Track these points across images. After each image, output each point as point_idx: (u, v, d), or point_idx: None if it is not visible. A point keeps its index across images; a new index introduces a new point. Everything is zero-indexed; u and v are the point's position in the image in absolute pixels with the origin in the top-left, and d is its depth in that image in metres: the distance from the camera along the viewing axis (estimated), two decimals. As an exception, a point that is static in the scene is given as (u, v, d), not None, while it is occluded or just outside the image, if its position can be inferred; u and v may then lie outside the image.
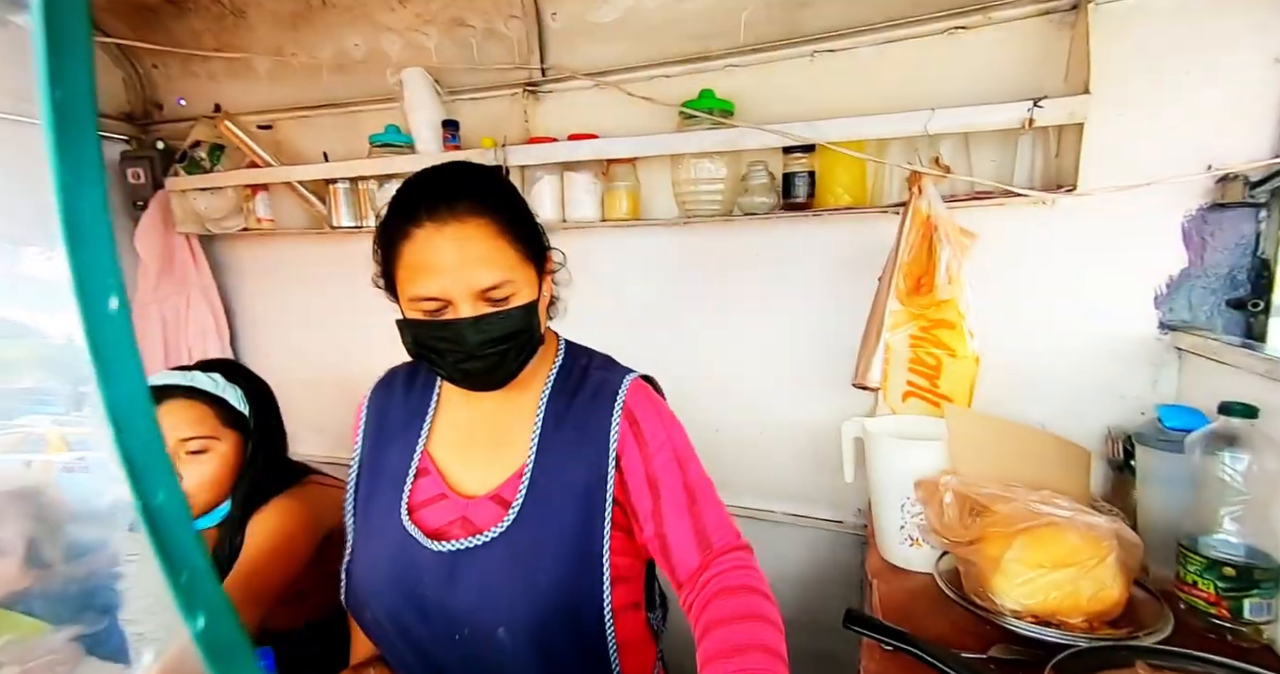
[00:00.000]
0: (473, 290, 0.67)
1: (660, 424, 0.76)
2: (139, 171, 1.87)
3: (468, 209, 0.67)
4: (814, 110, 1.26)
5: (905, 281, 1.15)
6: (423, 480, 0.77)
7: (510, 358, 0.71)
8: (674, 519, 0.72)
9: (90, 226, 0.19)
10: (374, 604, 0.75)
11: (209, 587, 0.21)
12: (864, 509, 1.42)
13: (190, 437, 0.92)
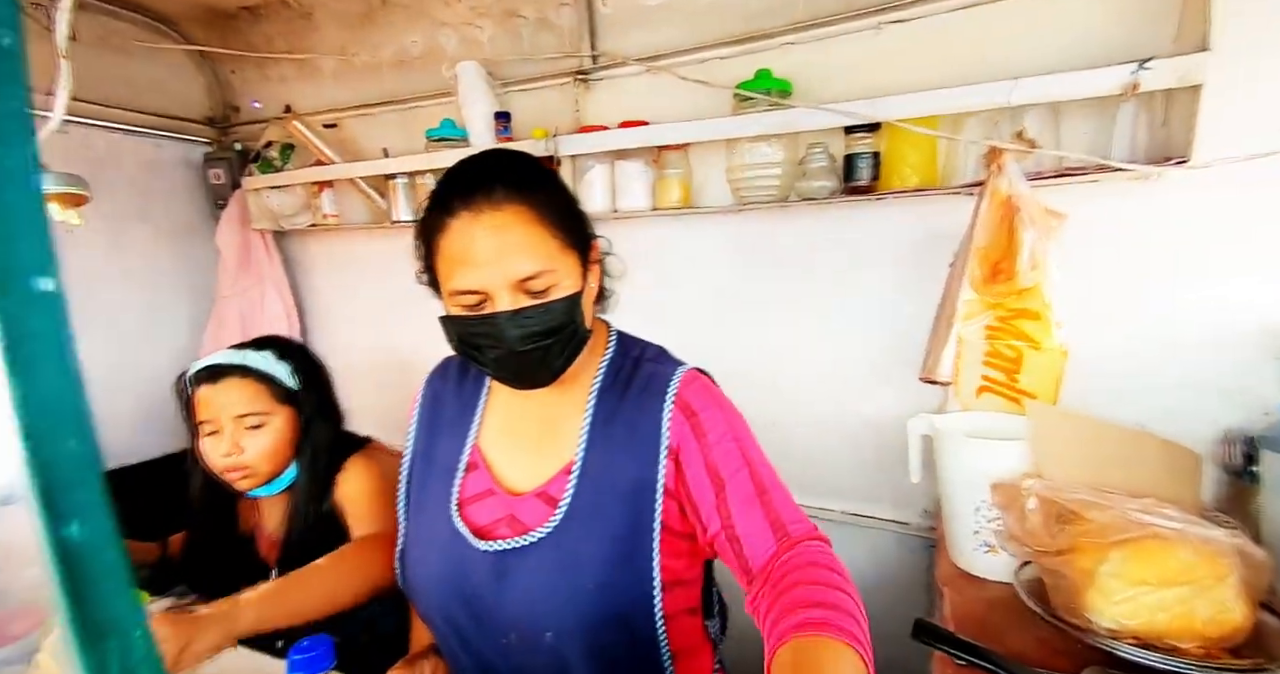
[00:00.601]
0: (510, 281, 0.64)
1: (720, 413, 0.72)
2: (219, 172, 1.99)
3: (503, 196, 0.64)
4: (879, 86, 1.18)
5: (981, 268, 1.06)
6: (472, 475, 0.76)
7: (553, 354, 0.68)
8: (743, 510, 0.66)
9: (9, 190, 0.16)
10: (425, 599, 0.75)
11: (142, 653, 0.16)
12: (931, 510, 1.34)
13: (246, 413, 0.96)
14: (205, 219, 2.05)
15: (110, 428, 1.83)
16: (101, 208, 1.78)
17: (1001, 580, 0.88)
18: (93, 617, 0.16)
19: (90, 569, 0.16)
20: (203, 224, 2.04)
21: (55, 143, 0.81)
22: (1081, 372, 1.01)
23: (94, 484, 0.16)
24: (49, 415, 0.16)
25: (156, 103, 1.91)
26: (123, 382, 1.85)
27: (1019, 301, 1.03)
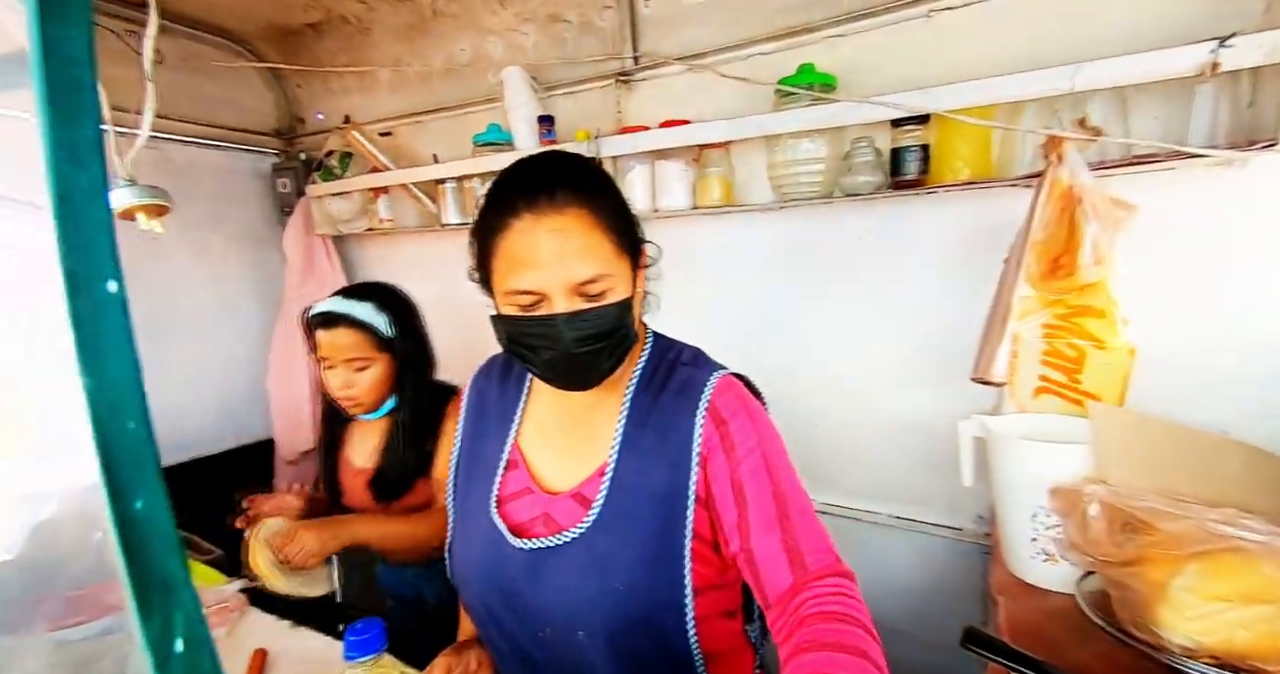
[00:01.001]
0: (569, 284, 0.63)
1: (750, 426, 0.70)
2: (285, 181, 2.12)
3: (566, 199, 0.64)
4: (929, 77, 1.14)
5: (1039, 263, 1.01)
6: (511, 473, 0.78)
7: (603, 357, 0.68)
8: (762, 534, 0.65)
9: (85, 210, 0.18)
10: (467, 590, 0.78)
11: (191, 610, 0.19)
12: (985, 516, 1.28)
13: (353, 357, 1.13)
14: (273, 226, 2.18)
15: (192, 419, 1.98)
16: (183, 217, 1.93)
17: (1061, 591, 0.84)
18: (150, 578, 0.18)
19: (149, 538, 0.18)
20: (270, 230, 2.18)
21: (142, 157, 0.88)
22: (1151, 370, 0.95)
23: (151, 462, 0.19)
24: (113, 400, 0.18)
25: (231, 117, 2.05)
26: (203, 376, 2.00)
27: (1081, 298, 0.98)
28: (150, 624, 0.18)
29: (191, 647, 0.19)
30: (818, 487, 1.48)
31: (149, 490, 0.18)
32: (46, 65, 0.18)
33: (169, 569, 0.19)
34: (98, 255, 0.18)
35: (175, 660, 0.18)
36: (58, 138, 0.18)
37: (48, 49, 0.18)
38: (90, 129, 0.18)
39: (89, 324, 0.18)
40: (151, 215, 0.89)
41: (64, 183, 0.18)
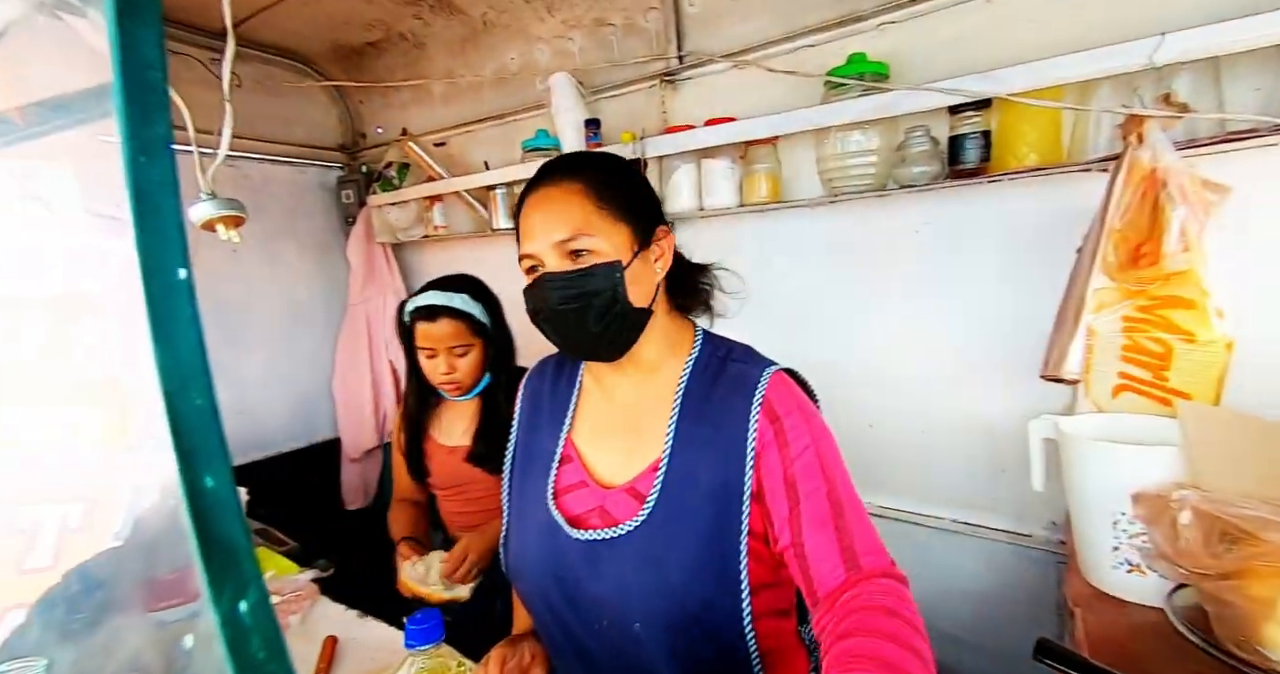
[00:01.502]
0: (552, 243, 0.69)
1: (804, 424, 0.70)
2: (349, 192, 2.23)
3: (561, 176, 0.72)
4: (990, 59, 1.09)
5: (1117, 252, 0.94)
6: (566, 467, 0.79)
7: (590, 319, 0.69)
8: (815, 531, 0.64)
9: (157, 200, 0.20)
10: (524, 582, 0.79)
11: (253, 575, 0.20)
12: (1058, 522, 1.21)
13: (455, 345, 1.24)
14: (338, 235, 2.30)
15: (268, 419, 2.12)
16: (257, 228, 2.06)
17: (1147, 604, 0.78)
18: (216, 544, 0.20)
19: (217, 510, 0.20)
20: (336, 240, 2.30)
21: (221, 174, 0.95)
22: (1249, 367, 0.87)
23: (216, 436, 0.21)
24: (181, 377, 0.20)
25: (300, 134, 2.19)
26: (276, 378, 2.13)
27: (1166, 288, 0.91)
28: (216, 586, 0.20)
29: (253, 608, 0.20)
30: (874, 489, 1.43)
31: (215, 462, 0.20)
32: (124, 69, 0.20)
33: (233, 537, 0.20)
34: (169, 244, 0.20)
35: (239, 619, 0.20)
36: (134, 135, 0.20)
37: (125, 53, 0.20)
38: (161, 127, 0.20)
39: (161, 306, 0.20)
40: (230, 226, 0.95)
41: (139, 177, 0.20)
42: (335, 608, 1.12)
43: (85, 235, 0.65)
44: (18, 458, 0.82)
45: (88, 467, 0.79)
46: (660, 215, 0.77)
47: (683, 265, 0.82)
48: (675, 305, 0.80)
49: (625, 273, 0.70)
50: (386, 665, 0.92)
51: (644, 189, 0.77)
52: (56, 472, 0.81)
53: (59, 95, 0.62)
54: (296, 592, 1.12)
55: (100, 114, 0.63)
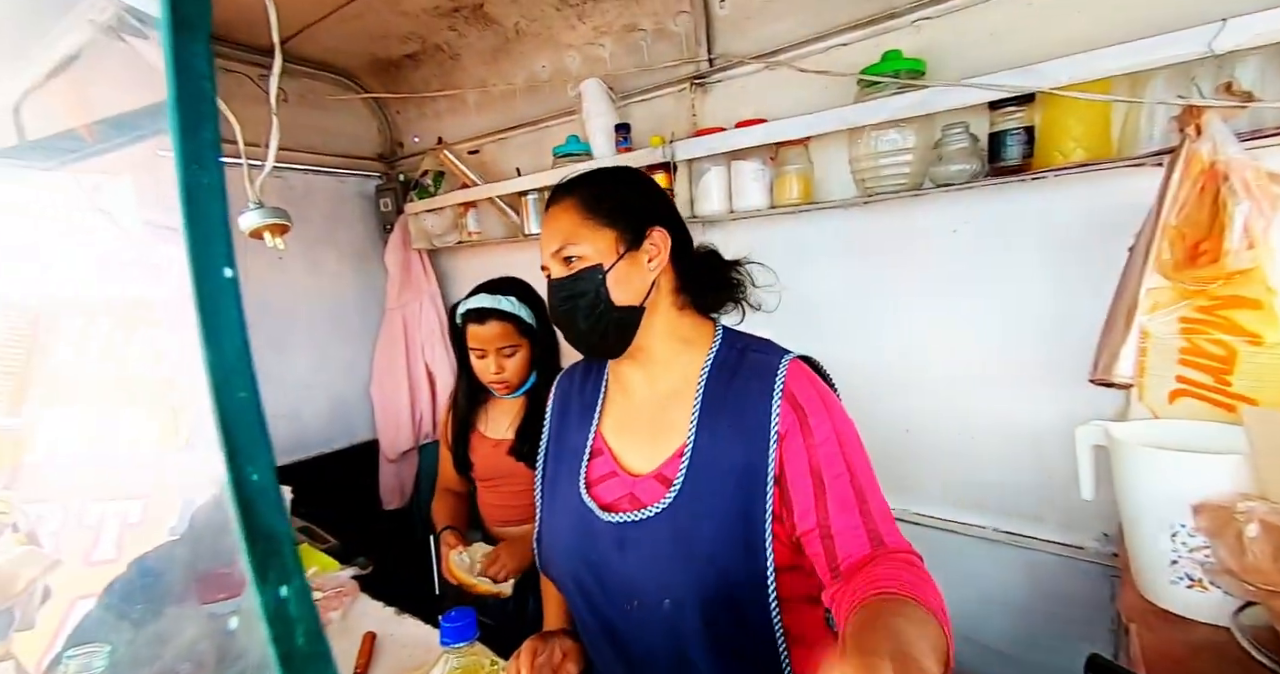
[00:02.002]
0: (550, 253, 0.78)
1: (825, 412, 0.73)
2: (387, 201, 2.30)
3: (561, 194, 0.81)
4: (1032, 52, 1.05)
5: (1174, 250, 0.90)
6: (596, 460, 0.83)
7: (579, 318, 0.77)
8: (841, 512, 0.68)
9: (205, 204, 0.21)
10: (556, 568, 0.83)
11: (294, 563, 0.21)
12: (1111, 534, 1.15)
13: (504, 346, 1.29)
14: (376, 242, 2.37)
15: (310, 421, 2.19)
16: (300, 236, 2.14)
17: (1210, 622, 0.73)
18: (259, 532, 0.21)
19: (260, 500, 0.21)
20: (374, 247, 2.37)
21: (267, 185, 0.99)
22: (1325, 372, 0.81)
23: (259, 428, 0.22)
24: (227, 371, 0.21)
25: (340, 145, 2.26)
26: (317, 381, 2.21)
27: (1228, 288, 0.86)
28: (260, 572, 0.21)
29: (294, 593, 0.22)
30: (911, 495, 1.39)
31: (258, 453, 0.21)
32: (178, 79, 0.21)
33: (275, 525, 0.21)
34: (216, 245, 0.22)
35: (281, 604, 0.21)
36: (185, 142, 0.21)
37: (179, 65, 0.21)
38: (210, 134, 0.22)
39: (208, 304, 0.21)
40: (276, 234, 0.99)
41: (190, 181, 0.21)
42: (374, 605, 1.15)
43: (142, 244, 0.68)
44: (83, 456, 0.87)
45: (145, 465, 0.83)
46: (658, 217, 0.80)
47: (709, 262, 0.85)
48: (694, 302, 0.83)
49: (608, 274, 0.76)
50: (422, 663, 0.94)
51: (638, 194, 0.81)
52: (118, 470, 0.85)
53: (122, 113, 0.66)
54: (338, 588, 1.16)
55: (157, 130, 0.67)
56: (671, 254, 0.79)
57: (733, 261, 0.87)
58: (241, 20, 1.72)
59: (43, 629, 0.78)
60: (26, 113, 0.70)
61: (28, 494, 0.84)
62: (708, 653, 0.72)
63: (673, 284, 0.81)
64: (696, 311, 0.84)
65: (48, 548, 0.83)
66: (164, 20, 0.21)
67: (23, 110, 0.69)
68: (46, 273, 0.84)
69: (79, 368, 0.86)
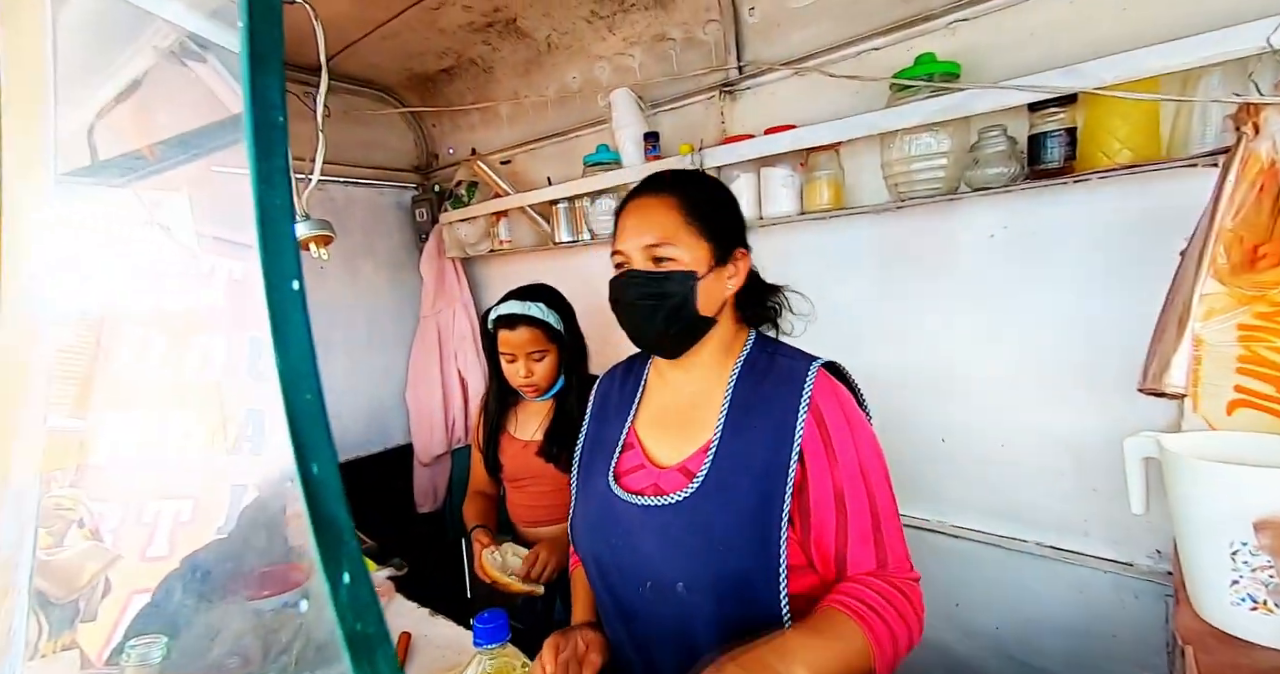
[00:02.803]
0: (640, 245, 0.78)
1: (849, 432, 0.76)
2: (423, 211, 2.37)
3: (661, 187, 0.81)
4: (1075, 52, 1.03)
5: (1230, 254, 0.86)
6: (628, 453, 0.87)
7: (657, 317, 0.78)
8: (858, 544, 0.74)
9: (277, 223, 0.23)
10: (581, 544, 0.88)
11: (354, 550, 0.23)
12: (1165, 551, 1.10)
13: (533, 351, 1.32)
14: (412, 251, 2.44)
15: (349, 426, 2.26)
16: (341, 247, 2.22)
17: (1275, 646, 0.69)
18: (324, 522, 0.23)
19: (323, 492, 0.23)
20: (410, 256, 2.44)
21: (311, 197, 1.04)
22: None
23: (323, 427, 0.23)
24: (295, 375, 0.23)
25: (379, 157, 2.34)
26: (356, 388, 2.28)
27: (1291, 293, 0.81)
28: (327, 560, 0.23)
29: (355, 579, 0.23)
30: (946, 507, 1.35)
31: (322, 449, 0.23)
32: (254, 109, 0.23)
33: (337, 516, 0.23)
34: (286, 259, 0.24)
35: (345, 589, 0.23)
36: (260, 167, 0.23)
37: (255, 98, 0.23)
38: (281, 159, 0.24)
39: (279, 314, 0.23)
40: (320, 245, 1.03)
41: (263, 202, 0.23)
42: (408, 605, 1.18)
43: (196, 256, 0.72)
44: (139, 457, 0.91)
45: (195, 466, 0.88)
46: (742, 239, 0.84)
47: (757, 283, 0.89)
48: (742, 317, 0.87)
49: (699, 283, 0.78)
50: (455, 663, 0.95)
51: (732, 213, 0.84)
52: (170, 471, 0.90)
53: (181, 132, 0.70)
54: (375, 588, 1.19)
55: (213, 147, 0.70)
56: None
57: (775, 286, 0.91)
58: (289, 40, 1.80)
59: (104, 621, 0.83)
60: (98, 134, 0.74)
61: (91, 492, 0.89)
62: (714, 637, 0.74)
63: (734, 301, 0.86)
64: (744, 325, 0.89)
65: (108, 543, 0.88)
66: (243, 55, 0.23)
67: (95, 132, 0.74)
68: (110, 283, 0.90)
69: (137, 373, 0.91)
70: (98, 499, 0.90)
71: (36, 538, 0.73)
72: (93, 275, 0.89)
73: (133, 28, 0.66)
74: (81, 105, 0.74)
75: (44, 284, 0.71)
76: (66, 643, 0.82)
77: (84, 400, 0.93)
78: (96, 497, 0.90)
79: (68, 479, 0.90)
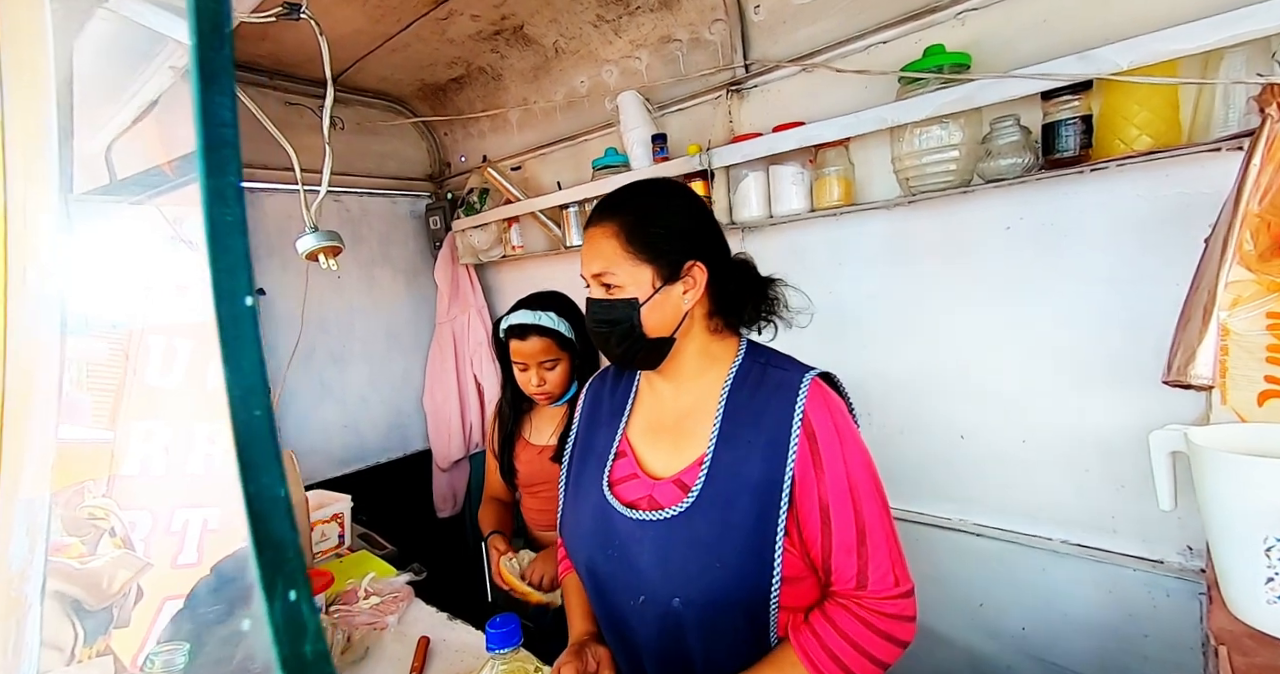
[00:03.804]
0: (590, 274, 0.82)
1: (839, 446, 0.76)
2: (436, 219, 2.40)
3: (603, 214, 0.82)
4: (1089, 38, 1.00)
5: (1257, 240, 0.83)
6: (620, 461, 0.87)
7: (613, 342, 0.81)
8: (841, 554, 0.75)
9: (228, 238, 0.23)
10: (576, 554, 0.87)
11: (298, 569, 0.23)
12: (1196, 548, 1.07)
13: (545, 360, 1.32)
14: (426, 259, 2.47)
15: (368, 433, 2.29)
16: (357, 256, 2.26)
17: (1315, 647, 0.66)
18: (271, 542, 0.23)
19: (271, 512, 0.23)
20: (424, 263, 2.47)
21: (326, 209, 1.06)
22: None
23: (271, 444, 0.23)
24: (245, 390, 0.23)
25: (393, 167, 2.38)
26: (375, 395, 2.31)
27: (1322, 279, 0.78)
28: (268, 579, 0.23)
29: (300, 597, 0.23)
30: (967, 506, 1.33)
31: (269, 465, 0.23)
32: (205, 127, 0.23)
33: (283, 534, 0.23)
34: (238, 275, 0.24)
35: (288, 606, 0.23)
36: (210, 183, 0.23)
37: (205, 115, 0.23)
38: (234, 177, 0.24)
39: (230, 329, 0.23)
40: (329, 256, 1.05)
41: (214, 218, 0.23)
42: (427, 610, 1.19)
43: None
44: (167, 467, 0.94)
45: (220, 475, 0.90)
46: (698, 247, 0.82)
47: (744, 279, 0.86)
48: (726, 323, 0.86)
49: (642, 309, 0.79)
50: (473, 668, 0.96)
51: (681, 222, 0.82)
52: (198, 480, 0.92)
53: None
54: (394, 593, 1.20)
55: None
56: (709, 279, 0.82)
57: (768, 279, 0.88)
58: (302, 56, 1.85)
59: (137, 627, 0.85)
60: (116, 154, 0.77)
61: (122, 501, 0.92)
62: (703, 651, 0.76)
63: (706, 309, 0.84)
64: (728, 330, 0.87)
65: (140, 552, 0.91)
66: (193, 73, 0.23)
67: (113, 152, 0.76)
68: (139, 298, 0.92)
69: (164, 385, 0.93)
70: (129, 508, 0.93)
71: (48, 549, 0.76)
72: (120, 289, 0.92)
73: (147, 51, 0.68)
74: (101, 125, 0.76)
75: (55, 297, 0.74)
76: (101, 649, 0.84)
77: (115, 412, 0.96)
78: (127, 506, 0.92)
79: (100, 490, 0.93)
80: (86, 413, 0.93)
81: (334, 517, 1.52)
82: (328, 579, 1.18)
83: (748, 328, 0.87)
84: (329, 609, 1.14)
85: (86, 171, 0.75)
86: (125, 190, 0.77)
